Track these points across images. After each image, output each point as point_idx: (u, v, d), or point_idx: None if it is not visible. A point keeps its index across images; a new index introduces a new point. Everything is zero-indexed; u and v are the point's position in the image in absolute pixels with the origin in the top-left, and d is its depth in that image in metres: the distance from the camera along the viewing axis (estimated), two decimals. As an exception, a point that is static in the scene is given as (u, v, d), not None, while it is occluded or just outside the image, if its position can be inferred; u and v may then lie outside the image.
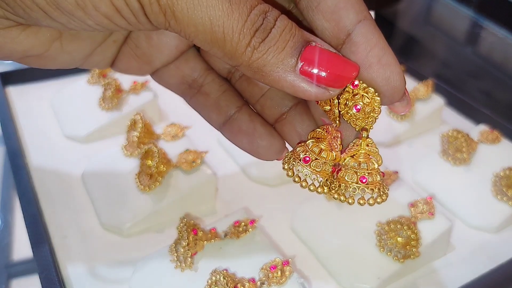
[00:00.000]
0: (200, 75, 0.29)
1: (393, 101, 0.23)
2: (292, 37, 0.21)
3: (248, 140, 0.27)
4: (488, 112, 0.62)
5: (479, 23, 0.94)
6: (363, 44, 0.22)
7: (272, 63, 0.21)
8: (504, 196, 0.49)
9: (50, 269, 0.40)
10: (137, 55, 0.28)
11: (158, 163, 0.46)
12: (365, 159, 0.25)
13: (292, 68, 0.21)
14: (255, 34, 0.21)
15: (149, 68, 0.29)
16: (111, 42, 0.27)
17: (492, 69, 0.84)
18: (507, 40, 0.88)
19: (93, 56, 0.27)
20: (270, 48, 0.21)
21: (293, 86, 0.22)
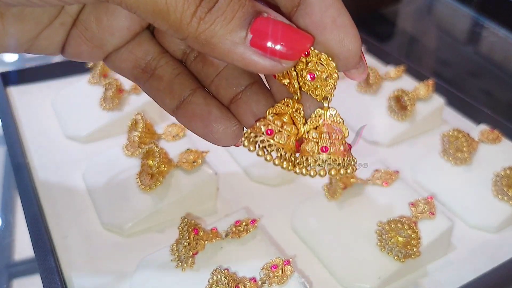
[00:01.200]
0: (153, 58, 0.27)
1: (348, 65, 0.22)
2: (241, 7, 0.20)
3: (202, 124, 0.26)
4: (488, 112, 0.62)
5: (479, 22, 0.94)
6: (317, 5, 0.21)
7: (220, 35, 0.20)
8: (505, 195, 0.49)
9: (51, 269, 0.41)
10: (87, 38, 0.26)
11: (159, 163, 0.46)
12: (328, 129, 0.24)
13: (241, 39, 0.20)
14: (201, 4, 0.20)
15: (100, 52, 0.27)
16: (58, 25, 0.25)
17: (492, 69, 0.84)
18: (507, 40, 0.88)
19: (39, 40, 0.25)
20: (218, 19, 0.20)
21: (243, 59, 0.21)
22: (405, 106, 0.59)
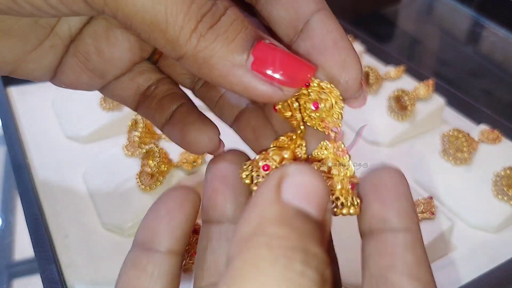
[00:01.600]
0: (153, 83, 0.27)
1: (348, 89, 0.21)
2: (244, 29, 0.19)
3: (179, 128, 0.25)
4: (489, 112, 0.62)
5: (479, 22, 0.94)
6: (319, 29, 0.21)
7: (220, 55, 0.19)
8: (505, 195, 0.49)
9: (52, 269, 0.41)
10: (88, 69, 0.25)
11: (159, 163, 0.46)
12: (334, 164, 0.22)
13: (242, 62, 0.19)
14: (203, 19, 0.18)
15: (100, 82, 0.26)
16: (48, 47, 0.24)
17: (493, 69, 0.84)
18: (507, 40, 0.88)
19: (27, 62, 0.24)
20: (219, 37, 0.19)
21: (243, 83, 0.19)
22: (405, 106, 0.59)
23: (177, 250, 0.22)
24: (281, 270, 0.15)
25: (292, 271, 0.15)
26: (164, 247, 0.22)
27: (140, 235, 0.23)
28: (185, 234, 0.22)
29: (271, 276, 0.15)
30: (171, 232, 0.22)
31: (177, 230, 0.22)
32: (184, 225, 0.22)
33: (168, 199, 0.22)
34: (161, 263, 0.22)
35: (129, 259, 0.22)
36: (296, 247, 0.16)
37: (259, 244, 0.16)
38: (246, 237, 0.16)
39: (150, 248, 0.22)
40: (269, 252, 0.15)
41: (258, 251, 0.16)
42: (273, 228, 0.16)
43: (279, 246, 0.16)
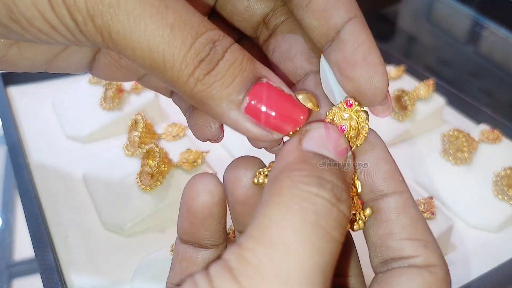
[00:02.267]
0: None
1: (374, 101, 0.22)
2: (241, 72, 0.20)
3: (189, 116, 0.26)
4: (489, 112, 0.62)
5: (480, 22, 0.94)
6: (350, 41, 0.21)
7: (217, 98, 0.20)
8: (505, 195, 0.49)
9: (52, 269, 0.41)
10: (121, 66, 0.27)
11: (159, 163, 0.46)
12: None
13: (237, 105, 0.20)
14: (200, 65, 0.19)
15: (134, 76, 0.28)
16: (75, 49, 0.25)
17: (493, 69, 0.84)
18: (507, 40, 0.88)
19: (57, 61, 0.25)
20: (216, 82, 0.20)
21: (236, 124, 0.21)
22: (405, 106, 0.59)
23: (221, 241, 0.24)
24: (298, 192, 0.18)
25: (308, 192, 0.18)
26: (209, 244, 0.24)
27: (182, 236, 0.24)
28: (223, 230, 0.24)
29: (290, 197, 0.18)
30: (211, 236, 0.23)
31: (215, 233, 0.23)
32: (219, 226, 0.24)
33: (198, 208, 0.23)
34: (209, 255, 0.24)
35: (179, 251, 0.24)
36: (312, 175, 0.19)
37: (282, 178, 0.19)
38: (273, 178, 0.19)
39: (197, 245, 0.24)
40: (289, 180, 0.19)
41: (281, 183, 0.19)
42: (293, 166, 0.19)
43: (298, 175, 0.19)
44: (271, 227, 0.18)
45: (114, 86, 0.58)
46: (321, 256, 0.18)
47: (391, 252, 0.22)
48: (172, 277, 0.24)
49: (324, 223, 0.18)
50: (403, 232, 0.22)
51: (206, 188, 0.23)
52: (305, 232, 0.18)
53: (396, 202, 0.22)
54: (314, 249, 0.17)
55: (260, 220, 0.18)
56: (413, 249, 0.21)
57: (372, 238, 0.22)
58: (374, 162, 0.23)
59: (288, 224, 0.18)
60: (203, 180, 0.23)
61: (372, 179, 0.23)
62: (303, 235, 0.17)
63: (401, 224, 0.22)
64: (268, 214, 0.18)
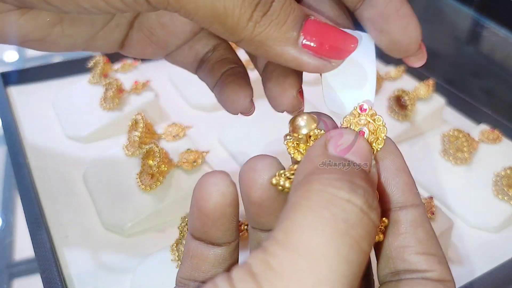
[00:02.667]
0: (210, 49, 0.29)
1: (408, 51, 0.24)
2: (292, 11, 0.22)
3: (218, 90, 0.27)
4: (489, 112, 0.62)
5: (480, 22, 0.94)
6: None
7: (275, 37, 0.21)
8: (505, 195, 0.49)
9: (52, 269, 0.41)
10: (153, 41, 0.28)
11: (159, 162, 0.46)
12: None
13: (294, 41, 0.22)
14: (256, 8, 0.21)
15: (164, 51, 0.29)
16: (114, 26, 0.27)
17: (493, 69, 0.84)
18: (508, 40, 0.88)
19: (95, 40, 0.27)
20: (272, 22, 0.21)
21: (296, 59, 0.22)
22: (405, 106, 0.59)
23: (233, 239, 0.24)
24: (328, 197, 0.18)
25: (339, 197, 0.18)
26: (221, 242, 0.24)
27: (194, 233, 0.24)
28: (235, 228, 0.24)
29: (319, 202, 0.17)
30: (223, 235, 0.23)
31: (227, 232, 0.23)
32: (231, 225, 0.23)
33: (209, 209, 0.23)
34: (221, 253, 0.24)
35: (190, 248, 0.24)
36: (342, 179, 0.18)
37: (310, 180, 0.18)
38: (299, 182, 0.19)
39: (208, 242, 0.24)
40: (319, 183, 0.18)
41: (309, 186, 0.18)
42: (321, 170, 0.19)
43: (328, 178, 0.18)
44: (297, 233, 0.17)
45: (114, 86, 0.58)
46: (349, 268, 0.17)
47: (406, 264, 0.22)
48: (183, 272, 0.24)
49: (354, 232, 0.17)
50: (419, 246, 0.22)
51: (218, 189, 0.22)
52: (334, 241, 0.17)
53: (413, 215, 0.22)
54: (343, 260, 0.17)
55: (286, 224, 0.17)
56: (428, 263, 0.21)
57: (386, 249, 0.22)
58: (394, 172, 0.23)
59: (316, 232, 0.17)
60: (214, 180, 0.22)
61: (391, 190, 0.23)
62: (331, 245, 0.17)
63: (418, 238, 0.22)
64: (294, 219, 0.17)
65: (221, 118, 0.63)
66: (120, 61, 0.64)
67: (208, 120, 0.63)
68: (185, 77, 0.70)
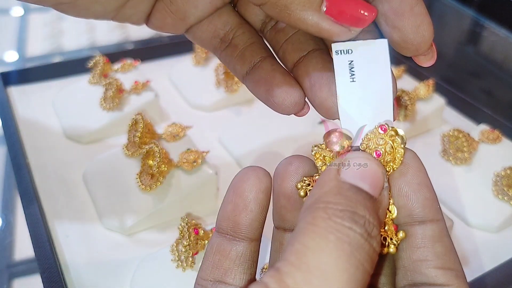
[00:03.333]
0: (231, 28, 0.29)
1: (420, 50, 0.24)
2: None
3: (265, 88, 0.27)
4: (489, 112, 0.62)
5: (480, 22, 0.94)
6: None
7: (299, 1, 0.22)
8: (505, 195, 0.49)
9: (52, 269, 0.41)
10: (172, 11, 0.28)
11: (159, 163, 0.46)
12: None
13: (317, 6, 0.22)
14: None
15: (183, 24, 0.29)
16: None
17: (493, 69, 0.84)
18: (508, 40, 0.88)
19: (125, 8, 0.27)
20: None
21: (317, 25, 0.22)
22: (405, 106, 0.59)
23: (256, 237, 0.25)
24: (333, 225, 0.19)
25: (342, 225, 0.19)
26: (245, 237, 0.24)
27: (222, 224, 0.25)
28: (261, 223, 0.25)
29: (325, 228, 0.19)
30: (250, 225, 0.24)
31: (254, 222, 0.25)
32: (260, 216, 0.25)
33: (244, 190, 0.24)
34: (243, 250, 0.25)
35: (214, 244, 0.25)
36: (346, 209, 0.20)
37: (317, 209, 0.20)
38: (308, 206, 0.20)
39: (233, 237, 0.24)
40: (324, 213, 0.20)
41: (316, 213, 0.20)
42: (329, 197, 0.20)
43: (333, 208, 0.20)
44: (307, 254, 0.18)
45: (114, 86, 0.58)
46: (355, 285, 0.18)
47: (424, 278, 0.22)
48: (204, 271, 0.25)
49: (358, 254, 0.19)
50: (437, 260, 0.22)
51: (256, 174, 0.24)
52: (342, 261, 0.18)
53: (433, 230, 0.23)
54: (351, 278, 0.18)
55: (296, 247, 0.19)
56: (446, 278, 0.22)
57: (404, 261, 0.23)
58: (416, 187, 0.23)
59: (325, 253, 0.18)
60: (253, 168, 0.25)
61: (412, 204, 0.23)
62: (339, 264, 0.18)
63: (436, 252, 0.22)
64: (304, 242, 0.19)
65: (221, 118, 0.63)
66: (120, 61, 0.64)
67: (208, 120, 0.63)
68: (185, 77, 0.70)
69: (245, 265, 0.25)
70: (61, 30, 0.85)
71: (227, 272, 0.24)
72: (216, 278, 0.24)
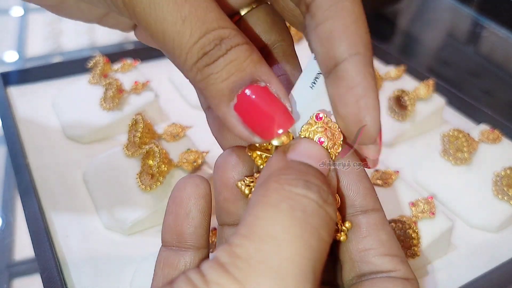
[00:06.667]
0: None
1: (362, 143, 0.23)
2: (238, 72, 0.21)
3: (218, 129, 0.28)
4: (489, 112, 0.62)
5: (480, 22, 0.94)
6: (346, 80, 0.21)
7: (211, 89, 0.21)
8: (505, 195, 0.49)
9: (52, 269, 0.41)
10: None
11: (159, 163, 0.46)
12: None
13: (227, 101, 0.21)
14: (202, 57, 0.21)
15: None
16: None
17: (493, 69, 0.84)
18: (508, 40, 0.88)
19: (107, 18, 0.27)
20: (212, 75, 0.21)
21: (224, 118, 0.22)
22: (405, 106, 0.59)
23: (202, 244, 0.24)
24: (285, 193, 0.19)
25: (295, 193, 0.19)
26: (191, 246, 0.24)
27: (166, 236, 0.24)
28: (206, 229, 0.25)
29: (276, 197, 0.19)
30: (194, 233, 0.24)
31: (198, 230, 0.24)
32: (203, 222, 0.24)
33: (183, 199, 0.24)
34: (191, 259, 0.24)
35: (161, 259, 0.25)
36: (298, 178, 0.20)
37: (269, 182, 0.20)
38: (259, 184, 0.20)
39: (179, 248, 0.24)
40: (276, 183, 0.19)
41: (268, 186, 0.19)
42: (280, 171, 0.20)
43: (284, 178, 0.20)
44: (259, 225, 0.18)
45: (114, 86, 0.58)
46: (311, 252, 0.18)
47: (371, 266, 0.22)
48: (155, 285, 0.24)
49: (312, 221, 0.18)
50: (383, 248, 0.22)
51: (193, 182, 0.24)
52: (294, 228, 0.18)
53: (375, 219, 0.23)
54: (305, 244, 0.18)
55: (247, 220, 0.19)
56: (392, 264, 0.22)
57: (351, 253, 0.23)
58: (355, 178, 0.23)
59: (277, 221, 0.18)
60: (190, 177, 0.24)
61: (353, 195, 0.23)
62: (292, 231, 0.18)
63: (381, 240, 0.23)
64: (255, 213, 0.19)
65: (221, 118, 0.63)
66: (120, 61, 0.64)
67: (208, 120, 0.63)
68: (185, 77, 0.70)
69: None
70: (61, 30, 0.85)
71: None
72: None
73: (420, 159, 0.56)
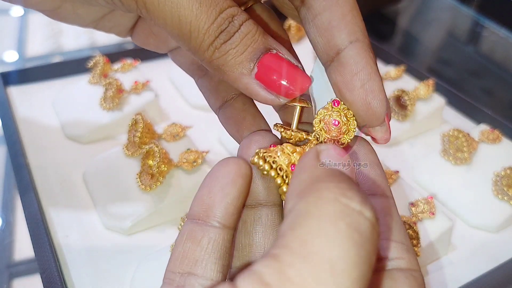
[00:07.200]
0: None
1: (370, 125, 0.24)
2: (253, 43, 0.23)
3: (235, 128, 0.28)
4: (489, 112, 0.62)
5: (480, 22, 0.94)
6: (350, 66, 0.22)
7: (231, 64, 0.23)
8: (505, 195, 0.49)
9: (52, 269, 0.41)
10: (154, 33, 0.29)
11: (159, 162, 0.46)
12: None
13: (248, 71, 0.23)
14: (219, 36, 0.22)
15: (165, 46, 0.30)
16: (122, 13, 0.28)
17: (493, 68, 0.84)
18: (508, 39, 0.88)
19: (103, 21, 0.28)
20: (230, 50, 0.22)
21: (247, 88, 0.23)
22: (405, 106, 0.59)
23: (230, 224, 0.23)
24: (342, 207, 0.17)
25: (351, 209, 0.17)
26: (218, 222, 0.23)
27: (195, 208, 0.23)
28: (238, 209, 0.24)
29: (334, 214, 0.17)
30: (225, 208, 0.23)
31: (230, 206, 0.23)
32: (236, 201, 0.23)
33: (222, 174, 0.24)
34: (215, 237, 0.23)
35: (185, 231, 0.23)
36: (352, 188, 0.18)
37: (319, 189, 0.18)
38: (302, 190, 0.19)
39: (205, 222, 0.23)
40: (330, 192, 0.18)
41: (319, 194, 0.18)
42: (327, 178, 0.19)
43: (338, 187, 0.18)
44: (314, 243, 0.16)
45: (114, 86, 0.58)
46: (364, 284, 0.17)
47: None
48: (172, 262, 0.23)
49: (367, 247, 0.17)
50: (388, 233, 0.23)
51: (235, 161, 0.24)
52: (353, 254, 0.16)
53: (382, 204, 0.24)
54: (361, 275, 0.16)
55: (299, 233, 0.17)
56: (398, 251, 0.22)
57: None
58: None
59: (335, 244, 0.16)
60: (235, 158, 0.25)
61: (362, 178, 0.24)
62: (351, 258, 0.16)
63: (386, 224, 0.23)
64: (308, 227, 0.17)
65: (221, 118, 0.63)
66: (120, 61, 0.64)
67: (208, 120, 0.63)
68: (185, 77, 0.70)
69: (217, 254, 0.22)
70: (61, 30, 0.85)
71: (197, 262, 0.22)
72: (185, 270, 0.22)
73: (420, 159, 0.56)
